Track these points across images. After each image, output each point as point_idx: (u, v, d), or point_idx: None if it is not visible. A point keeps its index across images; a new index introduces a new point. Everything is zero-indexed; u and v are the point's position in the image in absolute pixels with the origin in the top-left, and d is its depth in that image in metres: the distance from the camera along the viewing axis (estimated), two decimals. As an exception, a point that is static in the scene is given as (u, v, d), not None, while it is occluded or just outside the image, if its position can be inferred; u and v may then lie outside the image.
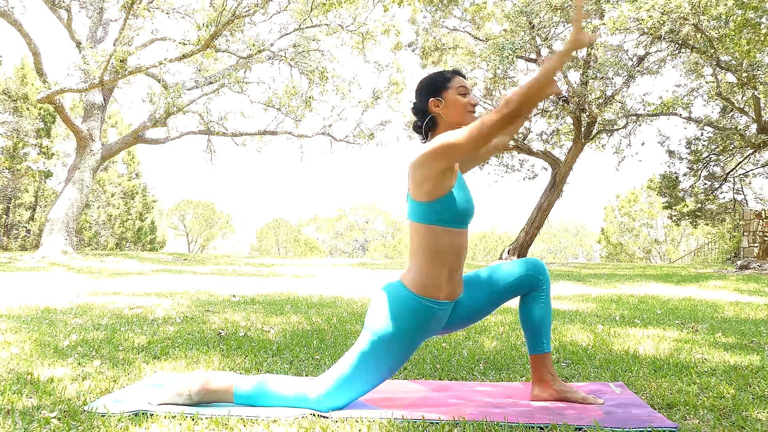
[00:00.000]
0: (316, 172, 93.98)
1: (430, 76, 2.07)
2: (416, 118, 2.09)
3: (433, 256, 1.95)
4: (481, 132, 1.80)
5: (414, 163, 1.92)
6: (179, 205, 40.89)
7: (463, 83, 2.04)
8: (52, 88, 11.70)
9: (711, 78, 13.76)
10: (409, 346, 1.96)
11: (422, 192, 1.92)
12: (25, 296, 5.35)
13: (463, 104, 2.02)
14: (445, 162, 1.87)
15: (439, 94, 2.03)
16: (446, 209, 1.93)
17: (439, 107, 2.02)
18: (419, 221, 1.96)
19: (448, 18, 14.92)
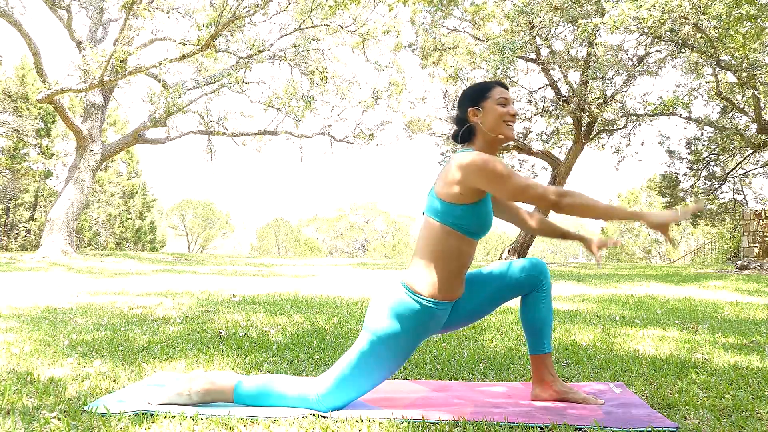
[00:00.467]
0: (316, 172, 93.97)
1: (471, 86, 2.08)
2: (456, 125, 2.09)
3: (440, 256, 1.96)
4: (527, 191, 1.85)
5: (456, 165, 1.92)
6: (179, 205, 40.91)
7: (503, 94, 2.05)
8: (52, 88, 11.70)
9: (711, 78, 13.77)
10: (409, 346, 1.97)
11: (450, 193, 1.94)
12: (25, 296, 5.35)
13: (500, 113, 2.02)
14: (483, 185, 1.89)
15: (479, 103, 2.04)
16: (465, 217, 1.94)
17: (478, 116, 2.03)
18: (436, 219, 1.97)
19: (448, 18, 14.92)
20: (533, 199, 1.86)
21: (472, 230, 1.97)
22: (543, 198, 1.85)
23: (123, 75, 11.84)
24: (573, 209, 1.84)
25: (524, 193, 1.86)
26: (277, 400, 1.95)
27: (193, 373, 2.02)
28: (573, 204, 1.84)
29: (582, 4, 11.94)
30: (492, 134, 2.02)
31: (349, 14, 14.22)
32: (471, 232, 1.97)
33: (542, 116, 16.09)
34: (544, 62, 14.29)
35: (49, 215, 13.53)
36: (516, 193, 1.87)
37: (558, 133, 16.58)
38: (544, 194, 1.84)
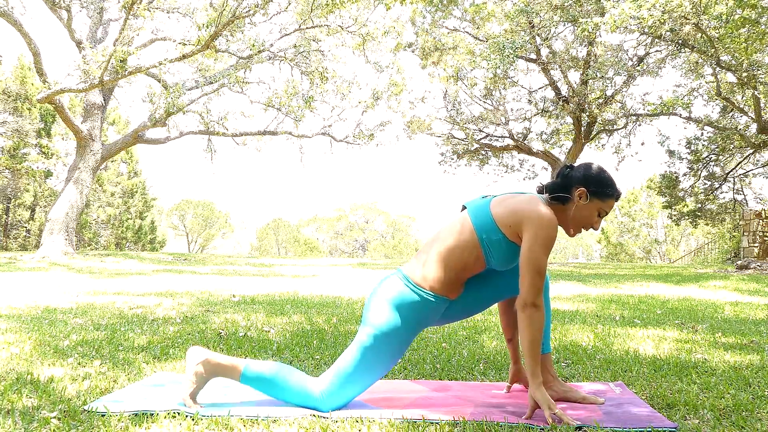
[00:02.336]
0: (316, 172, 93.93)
1: (604, 175, 2.04)
2: (559, 179, 2.06)
3: (455, 261, 1.99)
4: (536, 271, 1.90)
5: (525, 208, 1.94)
6: (179, 205, 40.90)
7: (609, 209, 2.05)
8: (52, 88, 11.70)
9: (711, 78, 13.76)
10: (407, 338, 2.00)
11: (503, 220, 1.96)
12: (25, 296, 5.35)
13: (592, 219, 2.04)
14: (525, 235, 1.92)
15: (595, 195, 2.01)
16: (500, 247, 1.98)
17: (580, 201, 2.02)
18: (475, 230, 1.98)
19: (447, 18, 14.92)
20: (528, 280, 1.89)
21: (495, 260, 2.01)
22: (530, 291, 1.89)
23: (123, 75, 11.83)
24: (527, 322, 1.89)
25: (533, 270, 1.89)
26: (282, 391, 1.96)
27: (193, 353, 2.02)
28: (532, 320, 1.89)
29: (582, 4, 11.93)
30: (570, 218, 2.04)
31: (350, 15, 14.21)
32: (493, 260, 2.01)
33: (542, 116, 16.09)
34: (544, 62, 14.29)
35: (49, 215, 13.53)
36: (529, 263, 1.90)
37: (558, 133, 16.59)
38: (534, 291, 1.89)
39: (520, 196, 2.01)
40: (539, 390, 1.86)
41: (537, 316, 1.89)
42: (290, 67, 15.28)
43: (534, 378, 1.88)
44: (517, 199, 2.00)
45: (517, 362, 2.26)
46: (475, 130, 16.47)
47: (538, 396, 1.86)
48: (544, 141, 16.61)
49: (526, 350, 1.89)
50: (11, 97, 20.84)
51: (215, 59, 15.32)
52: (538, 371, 1.89)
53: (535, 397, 1.87)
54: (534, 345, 1.89)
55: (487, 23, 14.52)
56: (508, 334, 2.26)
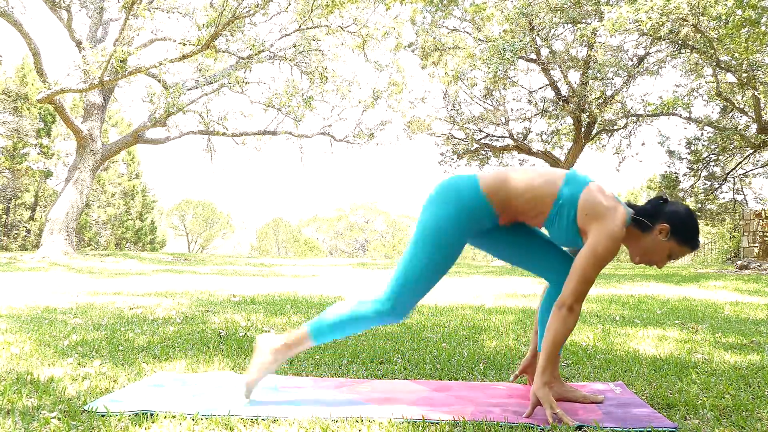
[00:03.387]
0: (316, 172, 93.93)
1: (693, 222, 2.04)
2: (649, 206, 2.06)
3: (522, 197, 2.01)
4: (585, 277, 1.92)
5: (602, 211, 1.94)
6: (179, 205, 40.89)
7: (681, 256, 2.07)
8: (52, 88, 11.70)
9: (711, 78, 13.77)
10: (454, 236, 1.99)
11: (583, 206, 1.96)
12: (25, 296, 5.35)
13: (659, 258, 2.05)
14: (590, 233, 1.94)
15: (675, 236, 2.01)
16: (563, 220, 2.00)
17: (659, 236, 2.01)
18: (563, 188, 1.99)
19: (447, 18, 14.92)
20: (574, 284, 1.91)
21: (555, 226, 2.02)
22: (572, 294, 1.91)
23: (123, 75, 11.83)
24: (558, 322, 1.91)
25: (581, 277, 1.91)
26: (352, 323, 2.03)
27: (262, 343, 2.08)
28: (563, 321, 1.90)
29: (581, 5, 11.94)
30: (641, 247, 2.04)
31: (350, 15, 14.21)
32: (553, 226, 2.03)
33: (542, 116, 16.10)
34: (544, 62, 14.30)
35: (49, 215, 13.53)
36: (582, 270, 1.91)
37: (558, 133, 16.59)
38: (576, 296, 1.91)
39: (613, 201, 1.98)
40: (543, 389, 1.87)
41: (570, 319, 1.90)
42: (290, 67, 15.29)
43: (541, 376, 1.88)
44: (610, 199, 1.98)
45: (534, 356, 2.26)
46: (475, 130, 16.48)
47: (541, 394, 1.86)
48: (544, 141, 16.62)
49: (546, 348, 1.90)
50: (11, 97, 20.84)
51: (215, 59, 15.33)
52: (548, 371, 1.89)
53: (537, 395, 1.87)
54: (555, 346, 1.90)
55: (487, 24, 14.53)
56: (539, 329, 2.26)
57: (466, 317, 4.32)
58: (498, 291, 6.77)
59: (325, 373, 2.51)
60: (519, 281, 8.41)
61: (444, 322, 4.01)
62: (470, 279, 8.86)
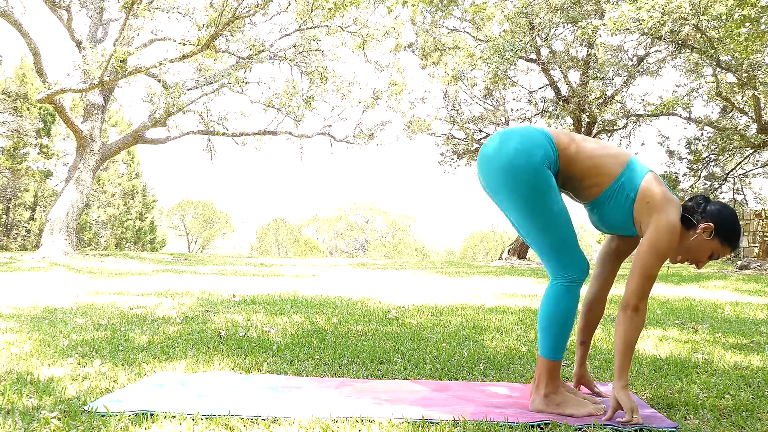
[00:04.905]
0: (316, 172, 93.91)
1: (736, 223, 2.03)
2: (695, 205, 2.04)
3: (584, 164, 2.00)
4: (646, 274, 1.90)
5: (662, 201, 1.94)
6: (179, 205, 40.89)
7: (723, 255, 2.05)
8: (52, 88, 11.70)
9: (711, 78, 13.76)
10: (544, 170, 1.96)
11: (643, 194, 1.95)
12: (25, 296, 5.35)
13: (701, 257, 2.03)
14: (646, 231, 1.94)
15: (717, 236, 1.99)
16: (619, 202, 1.98)
17: (703, 234, 2.00)
18: (624, 171, 1.98)
19: (448, 18, 14.93)
20: (636, 282, 1.90)
21: (606, 206, 2.01)
22: (636, 292, 1.89)
23: (123, 75, 11.83)
24: (627, 324, 1.89)
25: (643, 273, 1.90)
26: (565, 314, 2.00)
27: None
28: (631, 322, 1.88)
29: (581, 5, 11.94)
30: (683, 245, 2.02)
31: (350, 15, 14.21)
32: (605, 207, 2.01)
33: (542, 116, 16.09)
34: (544, 62, 14.30)
35: (49, 215, 13.52)
36: (642, 265, 1.90)
37: (558, 133, 16.59)
38: (639, 293, 1.89)
39: (669, 193, 1.98)
40: (623, 391, 1.86)
41: (637, 319, 1.88)
42: (290, 67, 15.29)
43: (620, 379, 1.87)
44: (667, 192, 1.97)
45: (583, 365, 2.22)
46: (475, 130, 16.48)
47: (623, 398, 1.85)
48: (545, 141, 16.61)
49: (619, 350, 1.88)
50: (11, 97, 20.84)
51: (215, 59, 15.32)
52: (626, 374, 1.88)
53: (619, 398, 1.86)
54: (628, 347, 1.88)
55: (487, 24, 14.53)
56: (582, 337, 2.22)
57: (467, 317, 4.32)
58: (498, 291, 6.77)
59: (325, 373, 2.51)
60: (519, 281, 8.41)
61: (444, 322, 4.01)
62: (470, 279, 8.86)
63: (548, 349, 2.00)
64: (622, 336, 1.88)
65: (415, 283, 7.75)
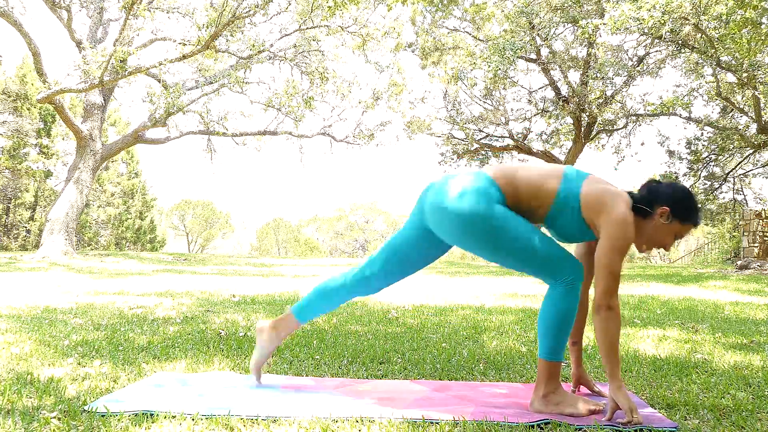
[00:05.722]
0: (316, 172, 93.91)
1: (691, 200, 2.04)
2: (645, 192, 2.05)
3: (525, 194, 2.02)
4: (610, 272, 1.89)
5: (610, 207, 1.93)
6: (179, 205, 40.89)
7: (687, 234, 2.05)
8: (52, 88, 11.70)
9: (711, 78, 13.76)
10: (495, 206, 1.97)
11: (587, 200, 1.97)
12: (25, 296, 5.35)
13: (667, 240, 2.03)
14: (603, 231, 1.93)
15: (676, 217, 2.01)
16: (568, 216, 2.00)
17: (661, 220, 2.01)
18: (562, 184, 2.00)
19: (447, 18, 14.93)
20: (603, 282, 1.90)
21: (558, 223, 2.02)
22: (605, 292, 1.89)
23: (123, 75, 11.83)
24: (603, 325, 1.89)
25: (607, 272, 1.89)
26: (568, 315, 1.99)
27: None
28: (607, 322, 1.88)
29: (582, 5, 11.94)
30: (645, 235, 2.03)
31: (350, 15, 14.21)
32: (556, 223, 2.03)
33: (542, 116, 16.09)
34: (544, 62, 14.30)
35: (49, 215, 13.52)
36: (605, 265, 1.90)
37: (558, 133, 16.59)
38: (608, 293, 1.89)
39: (612, 188, 1.99)
40: (620, 392, 1.85)
41: (613, 317, 1.88)
42: (290, 67, 15.29)
43: (614, 380, 1.87)
44: (609, 189, 1.98)
45: (579, 365, 2.23)
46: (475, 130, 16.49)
47: (620, 398, 1.85)
48: (544, 141, 16.62)
49: (605, 353, 1.88)
50: (11, 97, 20.84)
51: (215, 59, 15.33)
52: (618, 373, 1.88)
53: (616, 399, 1.85)
54: (612, 347, 1.88)
55: (487, 23, 14.53)
56: (573, 337, 2.23)
57: (466, 317, 4.32)
58: (498, 291, 6.77)
59: (325, 373, 2.51)
60: (519, 281, 8.41)
61: (444, 322, 4.01)
62: (470, 279, 8.86)
63: (548, 351, 2.00)
64: (604, 338, 1.88)
65: (415, 283, 7.76)
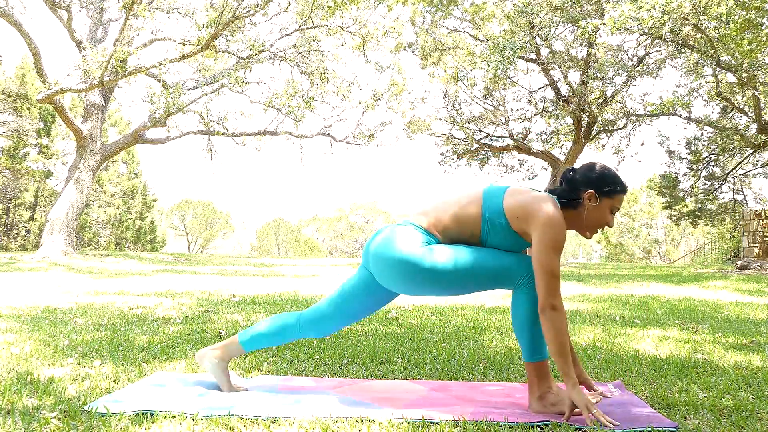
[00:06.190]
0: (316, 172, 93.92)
1: (608, 173, 2.06)
2: (564, 185, 2.09)
3: (452, 228, 2.05)
4: (548, 272, 1.90)
5: (536, 208, 1.96)
6: (179, 205, 40.88)
7: (621, 203, 2.07)
8: (52, 88, 11.69)
9: (711, 78, 13.75)
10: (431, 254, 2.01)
11: (512, 211, 1.99)
12: (25, 296, 5.35)
13: (604, 220, 2.06)
14: (534, 235, 1.95)
15: (603, 195, 2.04)
16: (499, 233, 2.02)
17: (590, 203, 2.03)
18: (483, 206, 2.03)
19: (447, 18, 14.92)
20: (543, 283, 1.90)
21: (492, 241, 2.04)
22: (547, 293, 1.90)
23: (123, 75, 11.83)
24: (549, 325, 1.89)
25: (545, 273, 1.90)
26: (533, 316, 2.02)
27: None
28: (553, 322, 1.88)
29: (582, 5, 11.93)
30: (584, 223, 2.06)
31: (350, 15, 14.20)
32: (490, 240, 2.05)
33: (542, 116, 16.08)
34: (544, 62, 14.29)
35: (49, 215, 13.52)
36: (542, 266, 1.91)
37: (558, 133, 16.58)
38: (550, 293, 1.89)
39: (534, 193, 2.02)
40: (575, 390, 1.86)
41: (558, 317, 1.89)
42: (290, 67, 15.29)
43: (568, 379, 1.87)
44: (531, 195, 2.01)
45: (576, 365, 2.21)
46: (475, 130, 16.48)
47: (575, 396, 1.85)
48: (544, 141, 16.61)
49: (554, 353, 1.89)
50: (11, 97, 20.84)
51: (215, 59, 15.32)
52: (572, 372, 1.88)
53: (572, 398, 1.86)
54: (561, 347, 1.88)
55: (487, 23, 14.52)
56: None
57: (466, 317, 4.32)
58: (498, 291, 6.78)
59: (325, 373, 2.51)
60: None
61: (444, 322, 4.01)
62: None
63: (529, 352, 2.02)
64: (553, 338, 1.88)
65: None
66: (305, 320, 2.21)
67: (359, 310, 2.19)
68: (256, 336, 2.23)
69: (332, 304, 2.20)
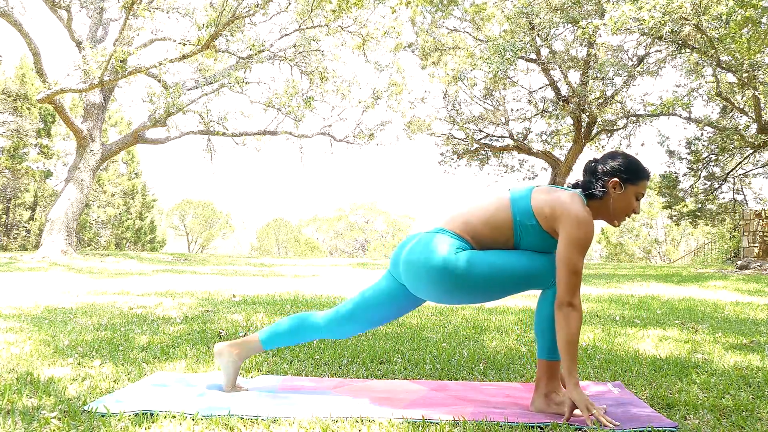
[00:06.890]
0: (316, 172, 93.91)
1: (631, 160, 2.06)
2: (589, 176, 2.09)
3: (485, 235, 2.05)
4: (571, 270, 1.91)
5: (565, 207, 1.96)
6: (179, 205, 40.88)
7: (645, 189, 2.08)
8: (52, 88, 11.70)
9: (711, 78, 13.75)
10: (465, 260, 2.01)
11: (542, 212, 1.99)
12: (25, 296, 5.35)
13: (632, 205, 2.06)
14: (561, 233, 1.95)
15: (627, 182, 2.04)
16: (530, 234, 2.02)
17: (616, 191, 2.04)
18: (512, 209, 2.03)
19: (447, 18, 14.93)
20: (564, 280, 1.91)
21: (525, 244, 2.04)
22: (567, 290, 1.90)
23: (123, 75, 11.83)
24: (563, 322, 1.89)
25: (568, 270, 1.91)
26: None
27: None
28: (568, 319, 1.88)
29: (582, 5, 11.93)
30: (611, 212, 2.06)
31: (350, 15, 14.21)
32: (522, 243, 2.04)
33: (542, 116, 16.09)
34: (544, 62, 14.30)
35: (49, 215, 13.52)
36: (565, 263, 1.91)
37: (558, 133, 16.59)
38: (570, 290, 1.90)
39: (561, 192, 2.02)
40: (576, 390, 1.85)
41: (574, 315, 1.89)
42: (290, 67, 15.28)
43: (570, 378, 1.87)
44: (558, 193, 2.01)
45: None
46: (475, 130, 16.48)
47: (575, 396, 1.85)
48: (544, 141, 16.61)
49: (563, 349, 1.89)
50: (11, 97, 20.84)
51: (215, 59, 15.31)
52: (575, 371, 1.88)
53: (572, 398, 1.85)
54: (571, 345, 1.88)
55: (487, 24, 14.52)
56: None
57: (466, 317, 4.32)
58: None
59: (325, 373, 2.51)
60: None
61: (444, 322, 4.01)
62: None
63: (547, 351, 2.02)
64: (566, 335, 1.89)
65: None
66: (326, 322, 2.20)
67: (382, 316, 2.18)
68: (276, 335, 2.23)
69: (355, 309, 2.19)
